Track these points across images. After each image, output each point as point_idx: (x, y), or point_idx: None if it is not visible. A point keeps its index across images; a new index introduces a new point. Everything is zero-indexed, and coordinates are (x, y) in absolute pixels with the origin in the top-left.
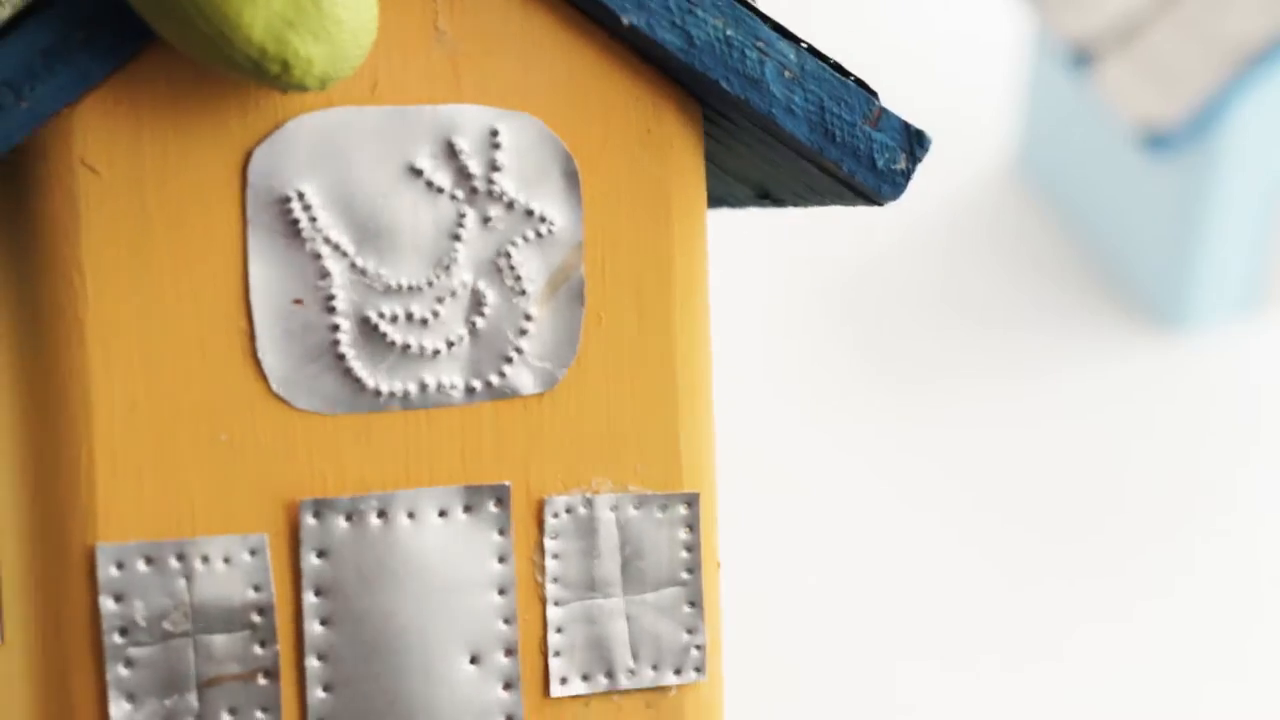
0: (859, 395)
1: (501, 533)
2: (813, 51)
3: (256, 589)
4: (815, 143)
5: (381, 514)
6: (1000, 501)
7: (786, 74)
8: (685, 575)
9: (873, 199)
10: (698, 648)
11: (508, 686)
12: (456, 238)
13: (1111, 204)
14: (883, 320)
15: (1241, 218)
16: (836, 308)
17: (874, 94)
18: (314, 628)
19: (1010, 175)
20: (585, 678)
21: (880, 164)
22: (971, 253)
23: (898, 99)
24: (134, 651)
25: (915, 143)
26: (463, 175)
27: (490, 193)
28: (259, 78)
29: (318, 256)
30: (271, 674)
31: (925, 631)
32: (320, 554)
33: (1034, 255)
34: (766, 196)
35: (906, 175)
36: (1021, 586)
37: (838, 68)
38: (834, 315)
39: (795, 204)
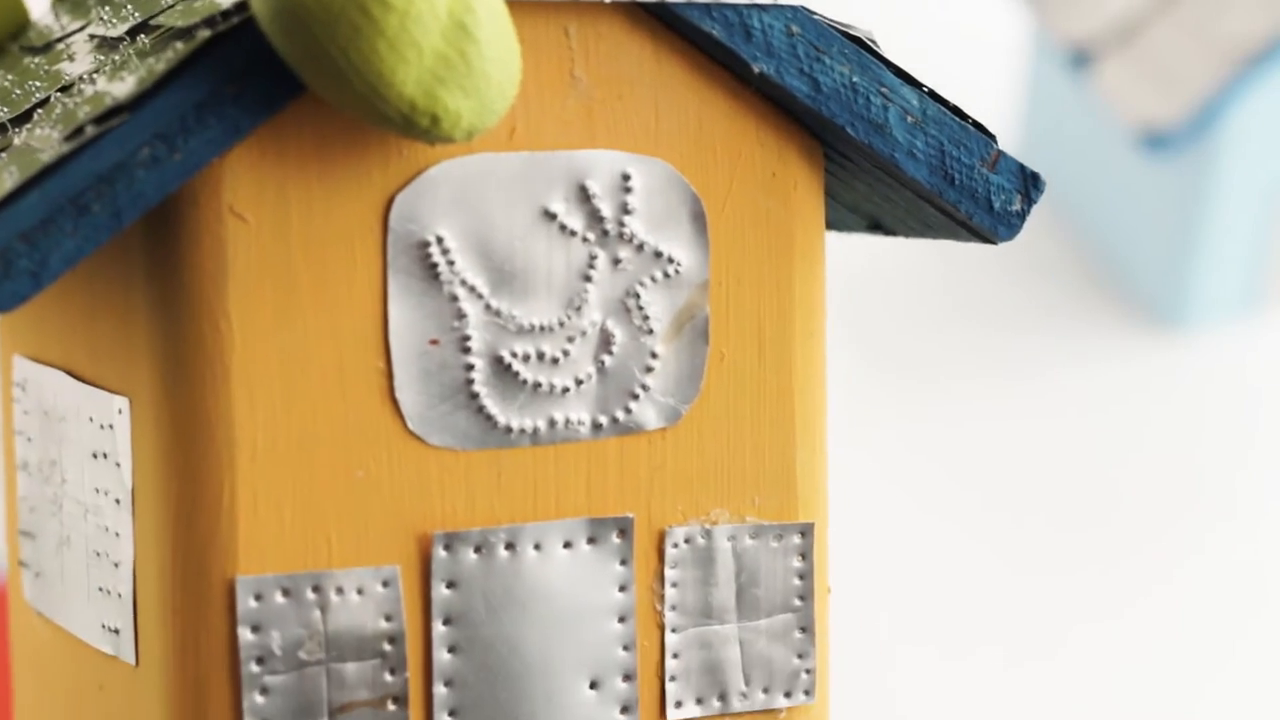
0: (860, 393)
1: (623, 563)
2: (934, 96)
3: (388, 619)
4: (935, 185)
5: (509, 546)
6: (1000, 499)
7: (909, 119)
8: (798, 602)
9: (988, 239)
10: (807, 671)
11: (625, 710)
12: (587, 279)
13: (1111, 204)
14: (884, 319)
15: (1241, 218)
16: (837, 307)
17: (992, 137)
18: (442, 655)
19: None
20: (699, 701)
21: (997, 206)
22: (972, 252)
23: None
24: (269, 679)
25: (1031, 185)
26: (595, 218)
27: (621, 235)
28: (407, 131)
29: (454, 298)
30: (401, 700)
31: (925, 629)
32: (450, 584)
33: (1034, 255)
34: (878, 227)
35: (1022, 216)
36: (1021, 584)
37: (957, 111)
38: (834, 314)
39: (907, 235)
